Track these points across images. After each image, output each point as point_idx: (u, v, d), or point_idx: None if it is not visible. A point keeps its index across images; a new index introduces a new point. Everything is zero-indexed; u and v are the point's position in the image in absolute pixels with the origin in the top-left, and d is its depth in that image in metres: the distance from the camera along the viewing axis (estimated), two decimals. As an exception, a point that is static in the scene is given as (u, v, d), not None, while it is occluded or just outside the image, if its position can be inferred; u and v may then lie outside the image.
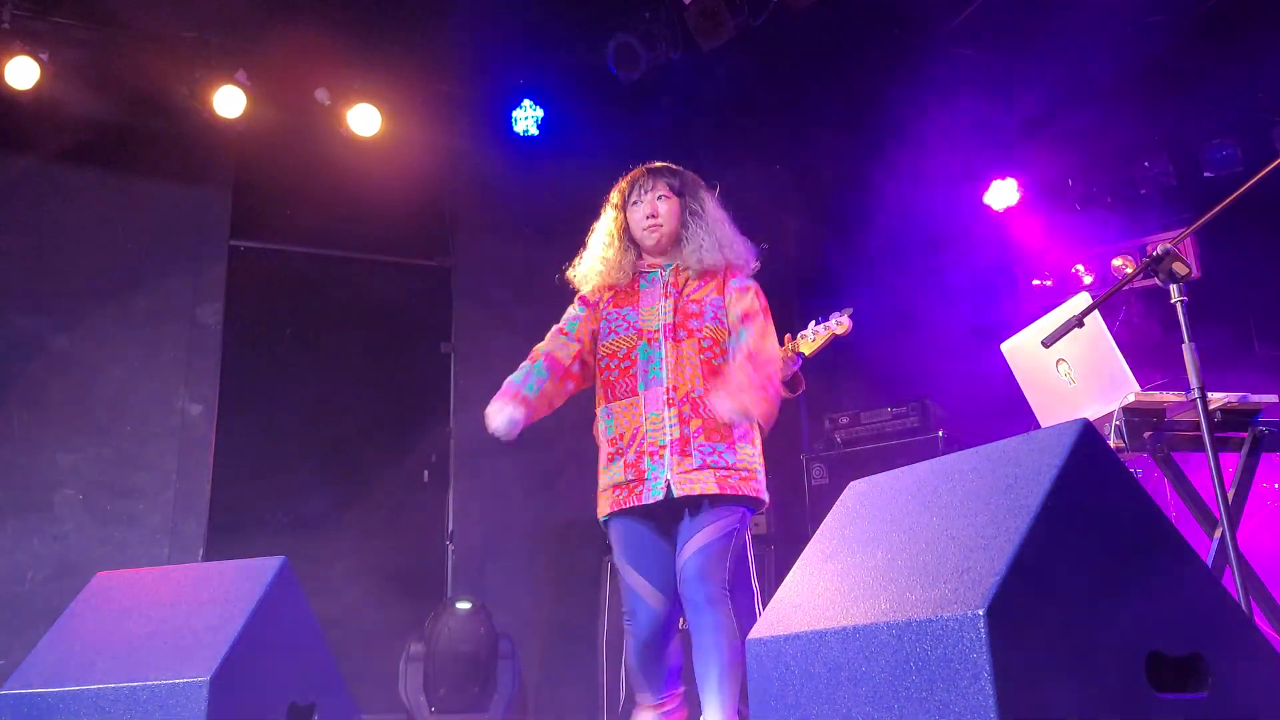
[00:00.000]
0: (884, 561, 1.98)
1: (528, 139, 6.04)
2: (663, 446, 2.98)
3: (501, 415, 2.98)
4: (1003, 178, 6.75)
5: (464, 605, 5.15)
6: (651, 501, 2.98)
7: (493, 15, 5.52)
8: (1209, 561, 2.79)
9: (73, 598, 2.96)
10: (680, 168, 3.35)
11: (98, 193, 5.58)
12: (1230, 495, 2.85)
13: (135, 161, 5.63)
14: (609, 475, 3.07)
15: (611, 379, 3.10)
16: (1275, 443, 3.00)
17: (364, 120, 5.70)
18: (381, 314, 6.02)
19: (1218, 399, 2.91)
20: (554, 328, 3.26)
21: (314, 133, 5.74)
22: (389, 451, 5.81)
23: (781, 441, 6.27)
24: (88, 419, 5.30)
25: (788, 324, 6.78)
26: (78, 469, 5.24)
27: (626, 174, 3.33)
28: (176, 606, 2.78)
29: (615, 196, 3.30)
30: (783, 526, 5.56)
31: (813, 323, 3.73)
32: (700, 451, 2.98)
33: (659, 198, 3.21)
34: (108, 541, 5.20)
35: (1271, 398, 2.98)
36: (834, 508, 2.36)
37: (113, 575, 3.02)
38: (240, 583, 2.79)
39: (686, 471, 2.96)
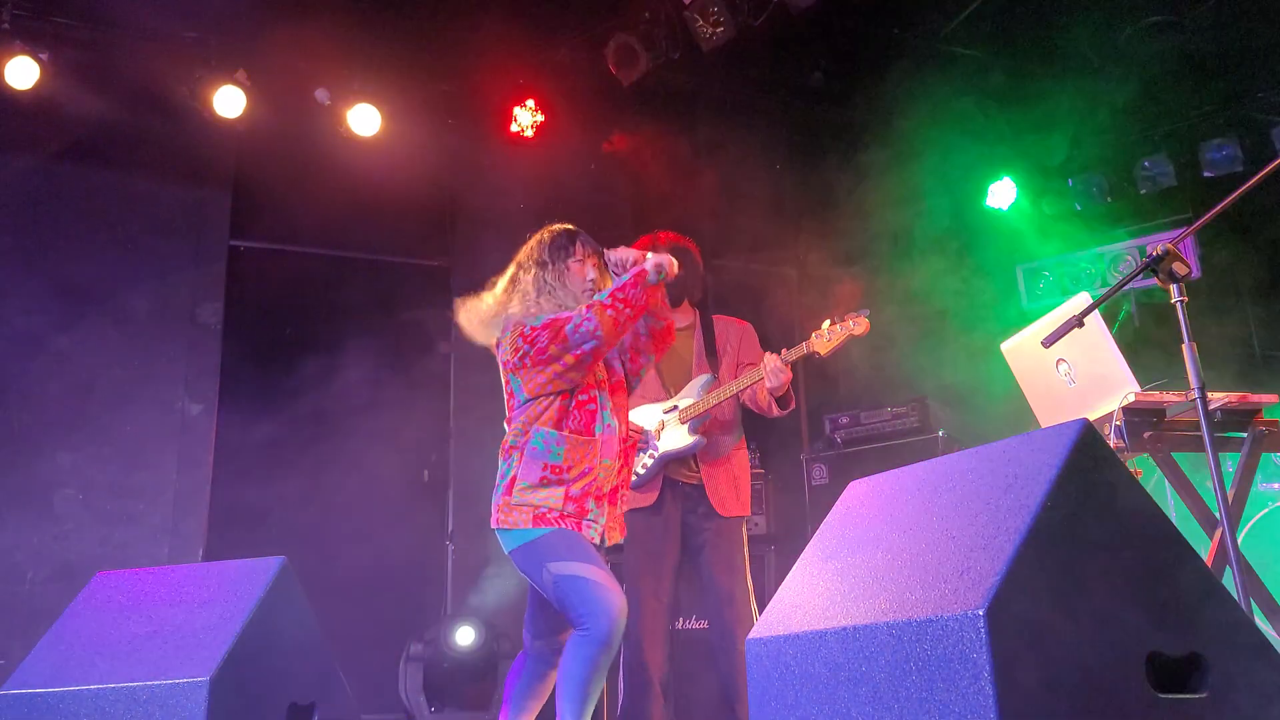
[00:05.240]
0: (884, 561, 1.98)
1: (527, 139, 6.04)
2: (604, 495, 3.06)
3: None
4: (1002, 178, 6.76)
5: (466, 623, 5.17)
6: (591, 540, 3.02)
7: (492, 15, 5.52)
8: (1209, 561, 2.79)
9: (73, 598, 2.96)
10: None
11: (97, 193, 5.57)
12: (1230, 495, 2.85)
13: (135, 161, 5.63)
14: (538, 496, 2.98)
15: (570, 409, 3.06)
16: (1275, 443, 3.00)
17: (364, 120, 5.70)
18: (381, 314, 6.02)
19: (1218, 399, 2.91)
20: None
21: (314, 133, 5.73)
22: (389, 451, 5.81)
23: (781, 442, 6.29)
24: (88, 419, 5.30)
25: (788, 326, 6.80)
26: (78, 469, 5.24)
27: (553, 225, 3.31)
28: (176, 606, 2.78)
29: (563, 249, 3.23)
30: (783, 526, 5.56)
31: (828, 321, 3.68)
32: (623, 501, 3.16)
33: (595, 267, 3.27)
34: (108, 541, 5.19)
35: (1272, 398, 2.98)
36: (834, 508, 2.36)
37: (113, 575, 3.02)
38: (240, 583, 2.79)
39: (612, 519, 3.11)
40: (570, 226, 3.31)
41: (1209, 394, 2.60)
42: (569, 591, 2.89)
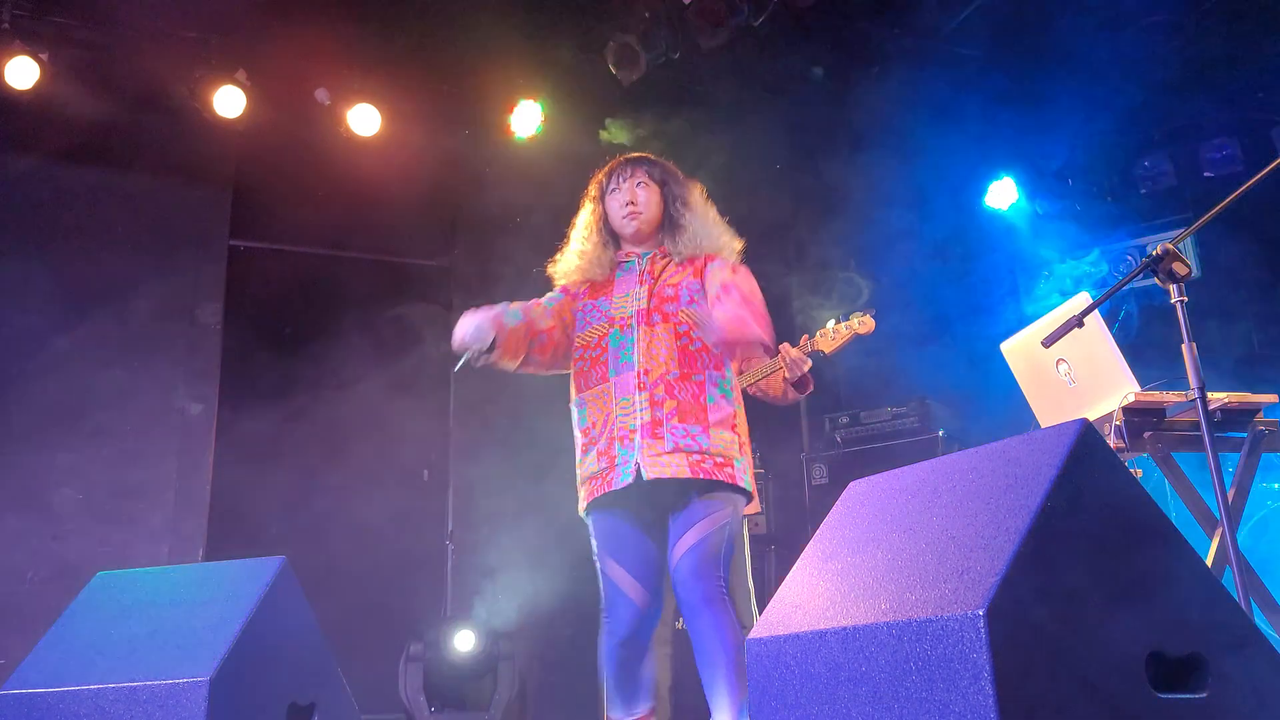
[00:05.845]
0: (884, 561, 1.98)
1: (528, 139, 6.04)
2: (633, 430, 2.87)
3: (472, 321, 2.86)
4: (1003, 178, 6.75)
5: (465, 628, 5.17)
6: (621, 486, 2.86)
7: (492, 15, 5.52)
8: (1209, 561, 2.79)
9: (73, 598, 2.95)
10: (659, 158, 3.27)
11: (98, 193, 5.57)
12: (1230, 495, 2.85)
13: (135, 161, 5.63)
14: (584, 467, 2.99)
15: (584, 369, 3.03)
16: (1275, 442, 3.00)
17: (364, 120, 5.70)
18: (381, 314, 6.02)
19: (1218, 399, 2.91)
20: (532, 300, 3.15)
21: (314, 133, 5.74)
22: (389, 451, 5.81)
23: (781, 442, 6.29)
24: (88, 419, 5.30)
25: (789, 327, 6.79)
26: (78, 469, 5.24)
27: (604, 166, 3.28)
28: (176, 606, 2.77)
29: (593, 189, 3.24)
30: (783, 526, 5.56)
31: (833, 320, 3.68)
32: (672, 434, 2.86)
33: (638, 185, 3.14)
34: (108, 541, 5.19)
35: (1271, 398, 2.99)
36: (834, 508, 2.36)
37: (113, 575, 3.01)
38: (240, 583, 2.79)
39: (657, 454, 2.84)
40: (623, 158, 3.26)
41: (1209, 394, 2.60)
42: (602, 582, 2.99)
